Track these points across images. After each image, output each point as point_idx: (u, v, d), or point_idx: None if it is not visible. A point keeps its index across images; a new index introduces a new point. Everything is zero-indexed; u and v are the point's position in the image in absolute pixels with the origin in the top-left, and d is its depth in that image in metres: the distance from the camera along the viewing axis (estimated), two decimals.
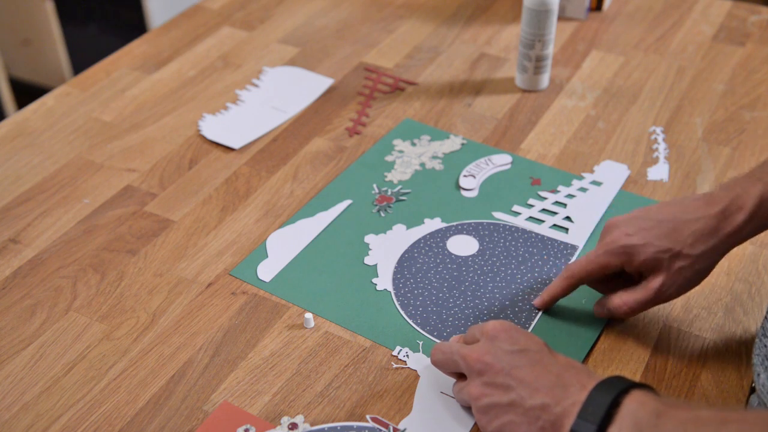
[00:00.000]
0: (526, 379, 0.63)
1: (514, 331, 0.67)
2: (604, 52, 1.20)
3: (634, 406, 0.58)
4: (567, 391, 0.61)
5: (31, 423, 0.71)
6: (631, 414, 0.57)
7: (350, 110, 1.08)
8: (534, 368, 0.64)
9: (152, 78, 1.15)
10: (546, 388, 0.62)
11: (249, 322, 0.80)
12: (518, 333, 0.67)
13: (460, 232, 0.88)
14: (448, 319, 0.79)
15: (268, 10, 1.31)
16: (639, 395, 0.59)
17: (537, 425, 0.62)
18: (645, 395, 0.59)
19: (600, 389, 0.60)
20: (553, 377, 0.63)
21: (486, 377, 0.65)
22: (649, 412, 0.57)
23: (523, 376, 0.63)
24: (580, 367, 0.64)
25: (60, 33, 2.26)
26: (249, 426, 0.69)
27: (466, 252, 0.86)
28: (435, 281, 0.83)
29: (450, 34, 1.25)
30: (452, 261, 0.85)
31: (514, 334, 0.66)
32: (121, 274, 0.85)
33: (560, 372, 0.63)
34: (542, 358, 0.64)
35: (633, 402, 0.58)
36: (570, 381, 0.62)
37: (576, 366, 0.64)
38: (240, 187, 0.96)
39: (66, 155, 1.01)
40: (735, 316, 0.80)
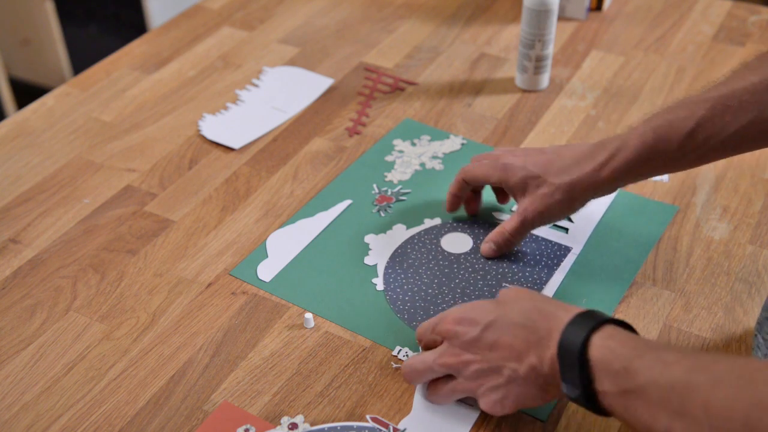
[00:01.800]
0: (504, 353, 0.64)
1: (462, 315, 0.67)
2: (604, 52, 1.20)
3: (602, 359, 0.58)
4: (541, 345, 0.62)
5: (31, 423, 0.71)
6: (604, 368, 0.58)
7: (350, 110, 1.09)
8: (503, 337, 0.64)
9: (152, 78, 1.15)
10: (524, 347, 0.63)
11: (249, 322, 0.80)
12: (467, 314, 0.67)
13: (455, 229, 0.89)
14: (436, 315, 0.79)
15: (268, 10, 1.31)
16: (602, 343, 0.59)
17: (539, 385, 0.63)
18: (607, 340, 0.59)
19: (566, 340, 0.61)
20: (522, 332, 0.64)
21: (471, 369, 0.66)
22: (618, 365, 0.57)
23: (501, 351, 0.64)
24: (538, 305, 0.65)
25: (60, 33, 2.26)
26: (249, 426, 0.69)
27: (459, 249, 0.86)
28: (426, 277, 0.83)
29: (450, 34, 1.25)
30: (444, 258, 0.85)
31: (466, 317, 0.67)
32: (121, 274, 0.85)
33: (524, 322, 0.64)
34: (502, 322, 0.65)
35: (600, 354, 0.58)
36: (537, 330, 0.63)
37: (534, 306, 0.65)
38: (240, 187, 0.96)
39: (66, 155, 1.01)
40: (735, 316, 0.80)
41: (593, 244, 0.87)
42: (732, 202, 0.93)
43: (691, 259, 0.86)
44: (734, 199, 0.93)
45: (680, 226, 0.90)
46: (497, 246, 0.84)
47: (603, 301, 0.81)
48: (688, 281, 0.84)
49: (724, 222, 0.90)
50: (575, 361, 0.59)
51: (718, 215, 0.91)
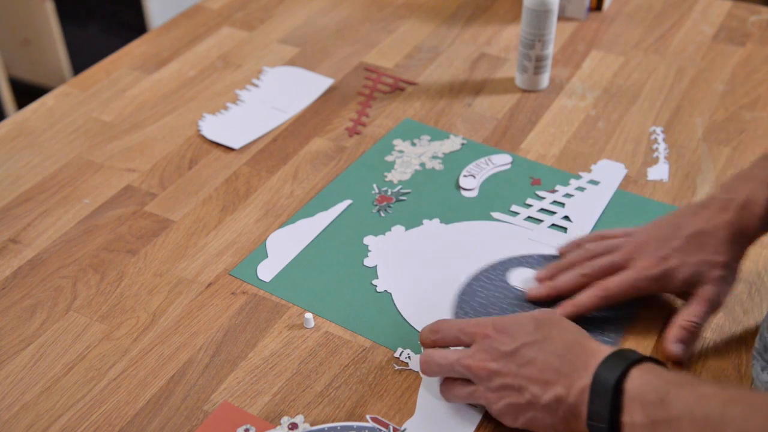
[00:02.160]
0: (533, 375, 0.64)
1: (503, 325, 0.68)
2: (604, 52, 1.20)
3: (637, 390, 0.59)
4: (573, 376, 0.63)
5: (31, 423, 0.71)
6: (638, 399, 0.59)
7: (350, 110, 1.09)
8: (537, 361, 0.65)
9: (152, 78, 1.15)
10: (554, 377, 0.64)
11: (249, 322, 0.80)
12: (508, 326, 0.67)
13: (522, 264, 0.85)
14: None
15: (268, 10, 1.31)
16: (640, 376, 0.60)
17: (558, 416, 0.64)
18: (645, 374, 0.60)
19: (602, 373, 0.61)
20: (557, 362, 0.64)
21: (496, 382, 0.66)
22: (654, 396, 0.58)
23: (530, 373, 0.65)
24: (580, 339, 0.66)
25: (60, 33, 2.26)
26: (249, 426, 0.69)
27: (528, 284, 0.83)
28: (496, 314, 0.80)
29: (450, 34, 1.25)
30: (516, 296, 0.81)
31: (505, 329, 0.67)
32: (121, 274, 0.85)
33: (563, 353, 0.64)
34: (541, 346, 0.65)
35: (636, 386, 0.59)
36: (574, 362, 0.63)
37: (576, 339, 0.66)
38: (240, 187, 0.96)
39: (66, 155, 1.01)
40: (735, 316, 0.80)
41: None
42: None
43: None
44: None
45: None
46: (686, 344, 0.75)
47: None
48: None
49: None
50: (609, 390, 0.60)
51: None
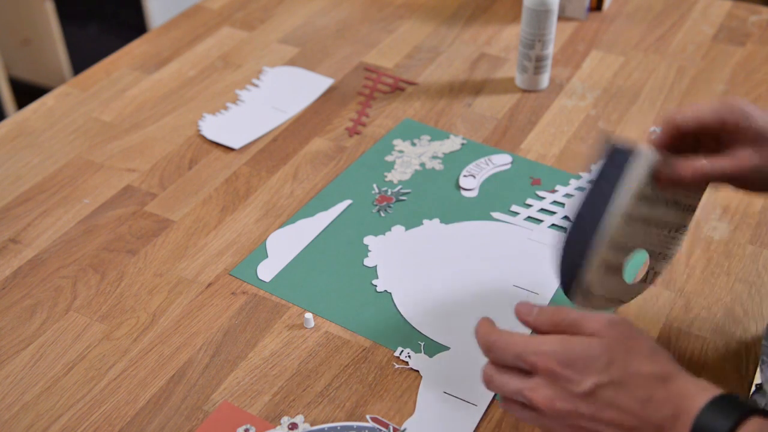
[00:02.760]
0: (615, 420, 0.56)
1: (568, 359, 0.56)
2: (604, 52, 1.20)
3: None
4: (664, 426, 0.55)
5: (31, 423, 0.71)
6: None
7: (350, 110, 1.08)
8: (617, 405, 0.56)
9: (152, 78, 1.15)
10: (639, 424, 0.55)
11: (249, 322, 0.80)
12: (575, 360, 0.56)
13: None
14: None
15: (268, 10, 1.31)
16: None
17: None
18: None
19: (703, 423, 0.53)
20: (640, 408, 0.55)
21: (568, 422, 0.57)
22: None
23: (611, 417, 0.56)
24: (663, 374, 0.56)
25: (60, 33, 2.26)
26: (249, 426, 0.69)
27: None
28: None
29: (450, 34, 1.25)
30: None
31: (572, 364, 0.56)
32: (121, 274, 0.85)
33: (647, 395, 0.55)
34: (620, 387, 0.56)
35: None
36: (661, 408, 0.55)
37: (659, 374, 0.56)
38: (240, 187, 0.96)
39: (66, 155, 1.01)
40: (735, 316, 0.80)
41: None
42: (732, 202, 0.93)
43: (691, 259, 0.86)
44: (734, 199, 0.93)
45: None
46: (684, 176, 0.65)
47: None
48: (688, 281, 0.84)
49: (724, 222, 0.90)
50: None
51: (718, 215, 0.91)
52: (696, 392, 0.55)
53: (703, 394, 0.55)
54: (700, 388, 0.55)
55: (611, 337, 0.57)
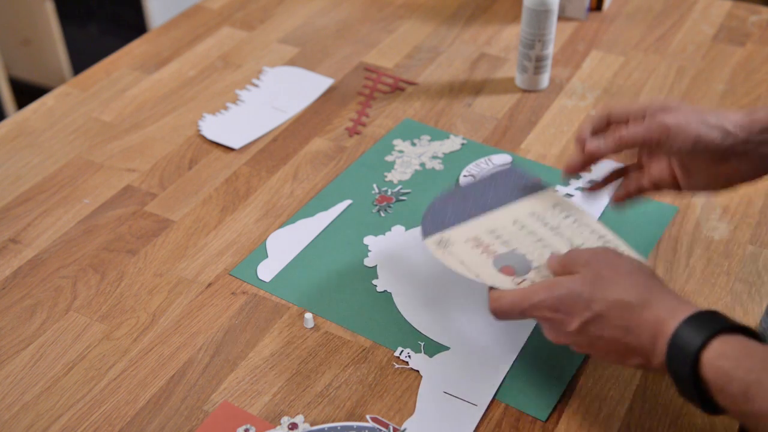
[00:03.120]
0: (609, 350, 0.63)
1: (557, 303, 0.64)
2: (604, 52, 1.20)
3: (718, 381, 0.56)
4: (647, 352, 0.61)
5: (31, 423, 0.71)
6: (721, 391, 0.56)
7: (350, 110, 1.09)
8: (605, 337, 0.63)
9: (152, 78, 1.15)
10: (628, 351, 0.62)
11: (249, 322, 0.80)
12: (561, 304, 0.64)
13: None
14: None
15: (268, 10, 1.31)
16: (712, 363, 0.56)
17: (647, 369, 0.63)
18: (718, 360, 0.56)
19: (673, 362, 0.58)
20: (625, 338, 0.62)
21: (575, 346, 0.66)
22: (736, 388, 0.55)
23: (604, 347, 0.63)
24: (639, 302, 0.62)
25: (60, 33, 2.26)
26: (249, 426, 0.69)
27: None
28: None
29: (450, 34, 1.25)
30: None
31: (561, 307, 0.64)
32: (121, 274, 0.85)
33: (627, 327, 0.61)
34: (603, 322, 0.62)
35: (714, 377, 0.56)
36: (641, 338, 0.61)
37: (636, 303, 0.61)
38: (240, 187, 0.96)
39: (66, 155, 1.01)
40: (735, 316, 0.80)
41: None
42: (732, 202, 0.93)
43: (691, 259, 0.86)
44: (734, 199, 0.93)
45: (680, 226, 0.90)
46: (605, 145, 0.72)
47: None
48: (688, 281, 0.84)
49: (724, 222, 0.90)
50: (689, 380, 0.58)
51: (718, 215, 0.91)
52: (671, 314, 0.60)
53: (678, 315, 0.59)
54: (676, 309, 0.60)
55: (592, 271, 0.64)
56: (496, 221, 0.78)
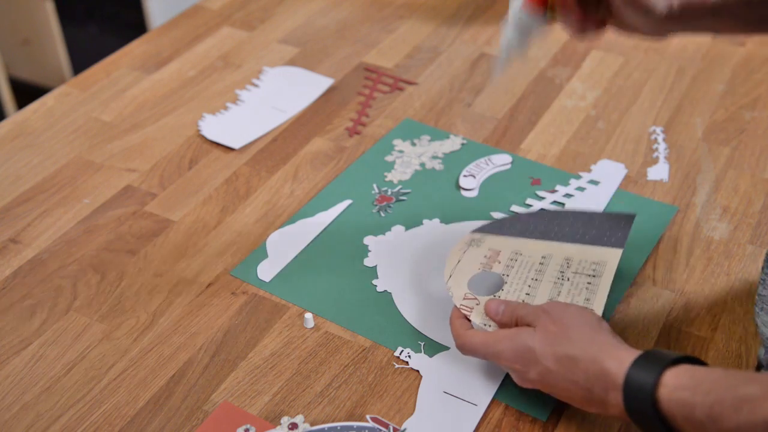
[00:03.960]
0: (569, 397, 0.66)
1: (516, 357, 0.67)
2: (604, 52, 1.20)
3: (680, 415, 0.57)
4: (605, 403, 0.63)
5: (31, 423, 0.71)
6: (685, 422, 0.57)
7: (350, 110, 1.09)
8: (564, 388, 0.65)
9: (152, 78, 1.15)
10: (586, 403, 0.65)
11: (249, 322, 0.80)
12: (521, 356, 0.67)
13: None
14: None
15: (268, 10, 1.31)
16: (671, 397, 0.58)
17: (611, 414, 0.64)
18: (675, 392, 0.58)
19: (632, 404, 0.60)
20: (582, 393, 0.64)
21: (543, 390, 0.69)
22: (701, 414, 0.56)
23: (565, 396, 0.66)
24: (591, 356, 0.64)
25: (60, 33, 2.26)
26: (249, 426, 0.69)
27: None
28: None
29: (450, 34, 1.25)
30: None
31: (518, 360, 0.67)
32: (121, 274, 0.85)
33: (583, 383, 0.64)
34: (559, 375, 0.65)
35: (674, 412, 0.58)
36: (595, 391, 0.63)
37: (590, 357, 0.64)
38: (240, 187, 0.96)
39: (66, 155, 1.01)
40: (735, 316, 0.80)
41: None
42: (732, 202, 0.93)
43: (691, 259, 0.86)
44: (734, 199, 0.93)
45: (680, 226, 0.90)
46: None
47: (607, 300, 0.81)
48: (688, 281, 0.84)
49: (724, 222, 0.90)
50: (653, 421, 0.59)
51: (718, 215, 0.91)
52: (618, 364, 0.62)
53: (624, 363, 0.61)
54: (621, 358, 0.62)
55: (542, 326, 0.67)
56: (531, 248, 0.79)
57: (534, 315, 0.69)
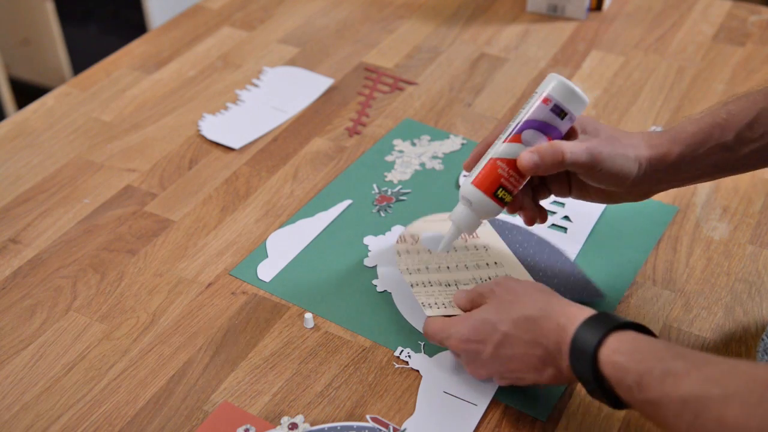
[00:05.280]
0: (523, 365, 0.67)
1: (468, 335, 0.69)
2: (604, 52, 1.20)
3: (615, 376, 0.59)
4: (557, 358, 0.64)
5: (31, 423, 0.71)
6: (618, 384, 0.59)
7: (350, 110, 1.09)
8: (518, 355, 0.67)
9: (152, 78, 1.15)
10: (541, 364, 0.66)
11: (249, 322, 0.80)
12: (473, 333, 0.68)
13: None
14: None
15: (268, 10, 1.31)
16: (611, 358, 0.60)
17: (562, 382, 0.66)
18: (613, 355, 0.60)
19: (575, 363, 0.62)
20: (535, 351, 0.66)
21: (496, 378, 0.70)
22: (631, 380, 0.58)
23: (519, 367, 0.67)
24: (542, 314, 0.65)
25: (60, 33, 2.26)
26: (249, 426, 0.69)
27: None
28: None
29: (450, 34, 1.25)
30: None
31: (472, 338, 0.68)
32: (121, 274, 0.85)
33: (537, 338, 0.65)
34: (514, 339, 0.66)
35: (611, 372, 0.59)
36: (549, 348, 0.64)
37: (539, 315, 0.65)
38: (240, 187, 0.96)
39: (66, 155, 1.01)
40: (735, 316, 0.80)
41: (592, 244, 0.87)
42: (732, 202, 0.93)
43: (691, 259, 0.86)
44: (734, 199, 0.93)
45: (680, 226, 0.90)
46: (542, 163, 0.68)
47: (603, 302, 0.81)
48: (688, 281, 0.84)
49: (724, 222, 0.90)
50: (591, 379, 0.61)
51: (718, 215, 0.91)
52: (570, 320, 0.63)
53: (576, 320, 0.63)
54: (574, 315, 0.64)
55: (496, 298, 0.69)
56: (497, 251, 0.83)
57: (487, 289, 0.71)
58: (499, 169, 0.71)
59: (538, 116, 0.70)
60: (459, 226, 0.73)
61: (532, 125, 0.70)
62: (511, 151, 0.70)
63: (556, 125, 0.70)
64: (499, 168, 0.71)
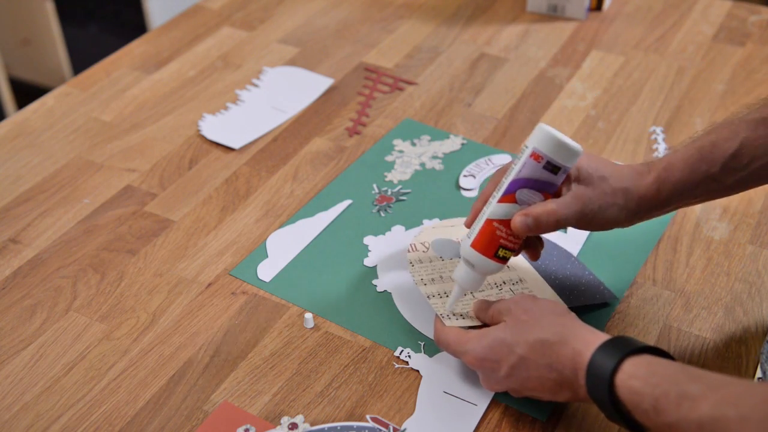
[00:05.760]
0: (539, 388, 0.67)
1: (484, 355, 0.68)
2: (604, 52, 1.20)
3: (631, 402, 0.59)
4: (573, 384, 0.64)
5: (31, 423, 0.71)
6: (635, 409, 0.59)
7: (350, 110, 1.09)
8: (533, 377, 0.66)
9: (152, 78, 1.15)
10: (557, 387, 0.66)
11: (249, 322, 0.80)
12: (489, 353, 0.68)
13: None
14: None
15: (268, 10, 1.31)
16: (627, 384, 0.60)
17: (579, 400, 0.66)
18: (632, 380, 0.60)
19: (593, 391, 0.62)
20: (551, 375, 0.65)
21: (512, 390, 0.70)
22: (647, 404, 0.58)
23: (535, 386, 0.67)
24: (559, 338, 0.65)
25: (60, 33, 2.26)
26: (249, 426, 0.69)
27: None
28: None
29: (450, 34, 1.25)
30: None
31: (488, 358, 0.68)
32: (121, 274, 0.85)
33: (551, 363, 0.65)
34: (528, 363, 0.66)
35: (627, 398, 0.60)
36: (565, 373, 0.64)
37: (555, 341, 0.65)
38: (240, 187, 0.96)
39: (66, 155, 1.01)
40: (735, 316, 0.80)
41: (592, 244, 0.87)
42: (732, 202, 0.93)
43: (691, 259, 0.86)
44: (734, 199, 0.93)
45: (680, 226, 0.90)
46: (536, 227, 0.70)
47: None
48: (688, 281, 0.84)
49: (724, 222, 0.90)
50: (608, 404, 0.61)
51: (718, 215, 0.91)
52: (586, 346, 0.63)
53: (592, 345, 0.63)
54: (590, 340, 0.64)
55: (513, 318, 0.68)
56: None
57: (505, 307, 0.70)
58: (497, 231, 0.71)
59: (532, 174, 0.70)
60: (463, 287, 0.73)
61: (526, 184, 0.70)
62: (506, 212, 0.71)
63: (551, 181, 0.70)
64: (496, 230, 0.71)
